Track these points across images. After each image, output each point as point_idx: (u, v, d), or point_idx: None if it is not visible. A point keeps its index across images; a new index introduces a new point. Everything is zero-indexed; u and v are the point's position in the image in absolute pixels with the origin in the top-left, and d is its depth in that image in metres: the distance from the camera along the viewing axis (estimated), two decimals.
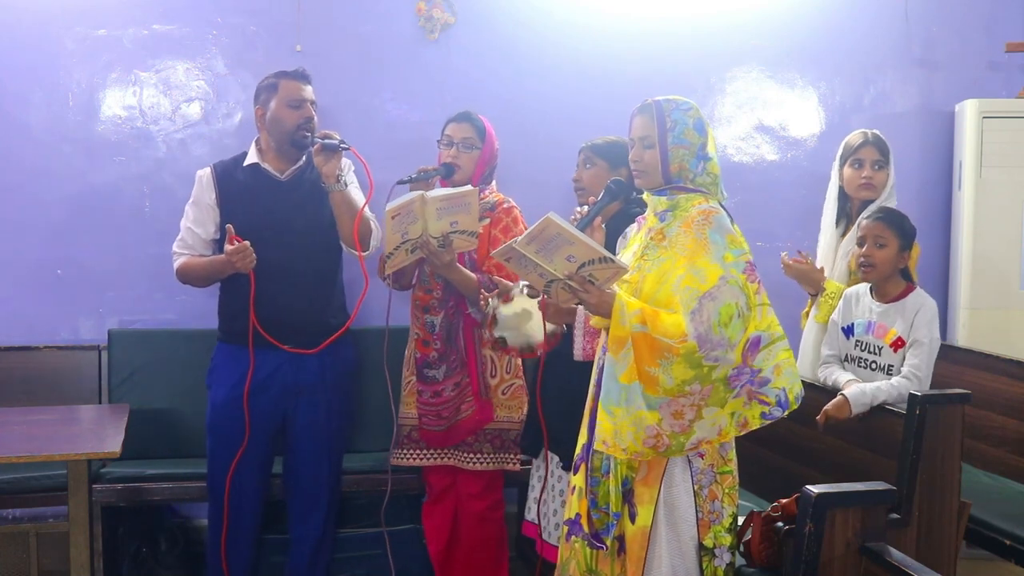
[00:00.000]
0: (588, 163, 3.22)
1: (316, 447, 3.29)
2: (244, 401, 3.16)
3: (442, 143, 3.29)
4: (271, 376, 3.21)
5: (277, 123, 3.21)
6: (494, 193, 3.32)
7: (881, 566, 2.14)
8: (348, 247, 3.28)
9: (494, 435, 3.28)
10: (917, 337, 2.97)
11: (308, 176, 3.26)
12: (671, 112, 2.51)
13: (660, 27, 4.25)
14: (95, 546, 3.27)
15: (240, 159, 3.31)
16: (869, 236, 3.07)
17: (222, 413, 3.23)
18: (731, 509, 2.51)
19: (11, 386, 3.70)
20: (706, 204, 2.50)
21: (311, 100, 3.25)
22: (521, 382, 3.33)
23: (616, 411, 2.39)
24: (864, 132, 3.43)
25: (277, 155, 3.27)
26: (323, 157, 3.14)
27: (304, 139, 3.20)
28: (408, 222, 2.94)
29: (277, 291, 3.16)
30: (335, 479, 3.40)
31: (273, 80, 3.24)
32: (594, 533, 2.53)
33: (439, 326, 3.24)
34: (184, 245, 3.29)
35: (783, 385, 2.45)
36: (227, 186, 3.25)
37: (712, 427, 2.42)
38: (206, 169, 3.32)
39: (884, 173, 3.36)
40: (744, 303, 2.39)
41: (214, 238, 3.27)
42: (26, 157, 3.83)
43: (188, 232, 3.28)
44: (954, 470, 2.76)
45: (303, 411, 3.26)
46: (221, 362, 3.30)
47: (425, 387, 3.26)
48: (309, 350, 3.20)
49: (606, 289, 2.40)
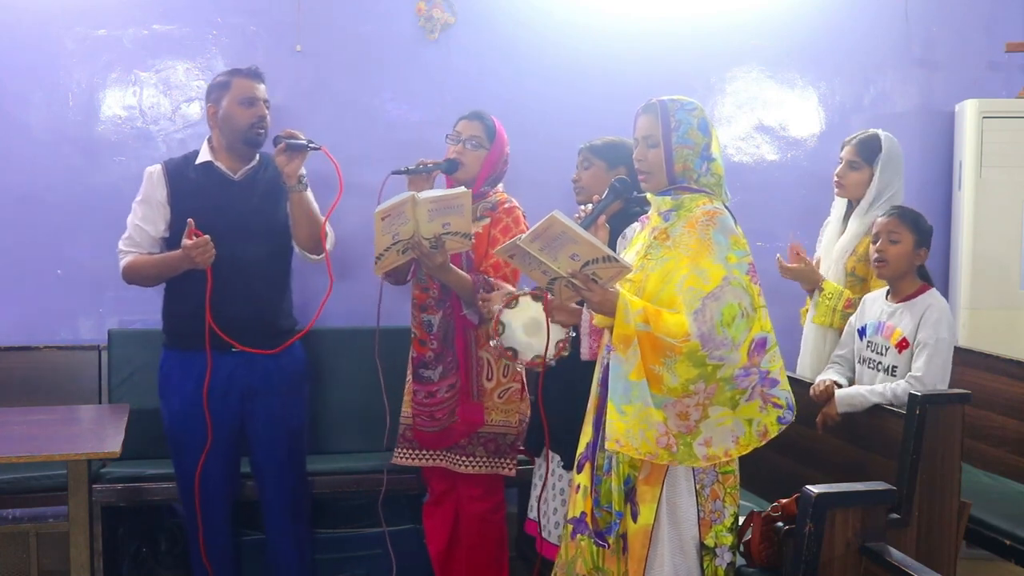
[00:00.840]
0: (586, 163, 3.22)
1: (275, 447, 3.26)
2: (204, 404, 3.11)
3: (450, 138, 3.27)
4: (227, 379, 3.16)
5: (229, 121, 3.16)
6: (498, 193, 3.29)
7: (881, 566, 2.14)
8: (302, 249, 3.25)
9: (488, 439, 3.24)
10: (922, 339, 2.93)
11: (262, 176, 3.22)
12: (675, 112, 2.51)
13: (660, 27, 4.25)
14: (95, 546, 3.27)
15: (192, 157, 3.25)
16: (883, 232, 3.04)
17: (181, 421, 3.18)
18: (732, 509, 2.51)
19: (11, 386, 3.70)
20: (710, 205, 2.49)
21: (264, 99, 3.20)
22: (519, 386, 3.29)
23: (627, 409, 2.38)
24: (862, 132, 3.41)
25: (229, 154, 3.21)
26: (286, 156, 3.09)
27: (258, 137, 3.17)
28: (399, 223, 2.92)
29: (228, 292, 3.11)
30: (299, 479, 3.37)
31: (226, 78, 3.20)
32: (597, 531, 2.53)
33: (436, 325, 3.21)
34: (132, 243, 3.20)
35: (788, 388, 2.46)
36: (178, 184, 3.19)
37: (722, 429, 2.40)
38: (156, 166, 3.25)
39: (860, 174, 3.31)
40: (748, 303, 2.39)
41: (163, 236, 3.20)
42: (26, 157, 3.83)
43: (136, 230, 3.19)
44: (954, 470, 2.76)
45: (260, 413, 3.22)
46: (171, 370, 3.22)
47: (420, 387, 3.24)
48: (267, 350, 3.16)
49: (609, 288, 2.40)
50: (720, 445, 2.42)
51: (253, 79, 3.19)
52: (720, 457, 2.42)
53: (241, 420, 3.23)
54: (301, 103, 3.97)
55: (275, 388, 3.23)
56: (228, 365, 3.15)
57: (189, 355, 3.16)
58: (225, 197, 3.18)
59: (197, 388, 3.13)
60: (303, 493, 3.40)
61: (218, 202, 3.15)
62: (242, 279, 3.15)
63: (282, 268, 3.30)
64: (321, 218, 3.21)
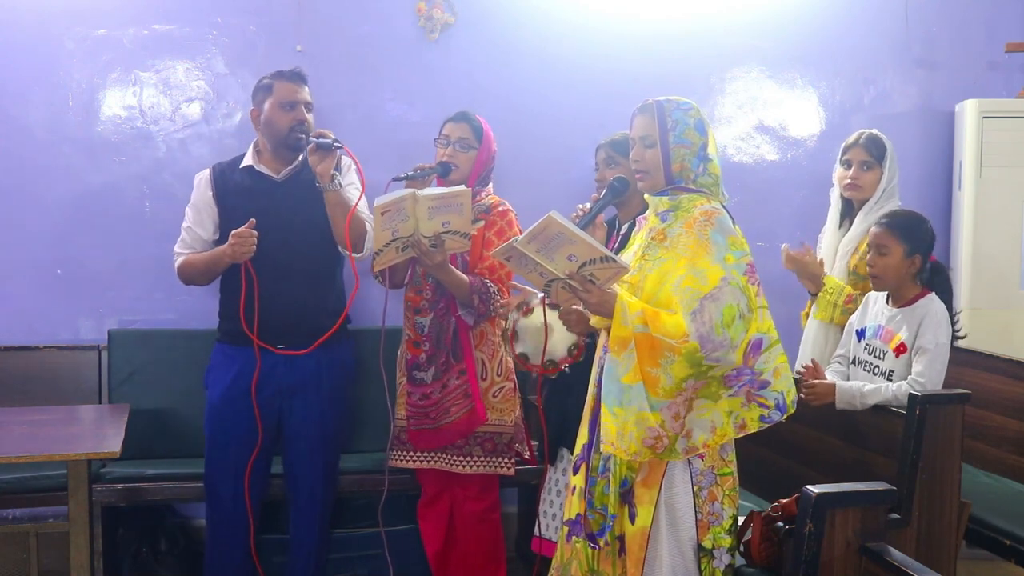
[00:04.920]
0: (611, 162, 3.20)
1: (311, 447, 3.29)
2: (252, 398, 3.17)
3: (439, 142, 3.29)
4: (266, 376, 3.20)
5: (270, 125, 3.21)
6: (490, 195, 3.31)
7: (881, 566, 2.13)
8: (342, 247, 3.28)
9: (485, 438, 3.26)
10: (922, 344, 2.92)
11: (304, 177, 3.25)
12: (672, 112, 2.50)
13: (660, 27, 4.24)
14: (95, 546, 3.27)
15: (237, 161, 3.31)
16: (872, 244, 3.04)
17: (217, 414, 3.24)
18: (731, 511, 2.51)
19: (11, 386, 3.70)
20: (708, 205, 2.49)
21: (305, 102, 3.24)
22: (512, 384, 3.31)
23: (618, 411, 2.38)
24: (861, 132, 3.42)
25: (273, 156, 3.27)
26: (317, 156, 3.13)
27: (299, 141, 3.19)
28: (398, 220, 2.93)
29: (275, 290, 3.17)
30: (331, 480, 3.39)
31: (269, 81, 3.24)
32: (589, 533, 2.53)
33: (428, 327, 3.23)
34: (185, 245, 3.31)
35: (782, 388, 2.46)
36: (224, 187, 3.26)
37: (702, 420, 2.41)
38: (205, 171, 3.34)
39: (873, 173, 3.33)
40: (745, 304, 2.39)
41: (214, 238, 3.28)
42: (26, 157, 3.83)
43: (188, 232, 3.30)
44: (954, 470, 2.76)
45: (297, 411, 3.26)
46: (217, 363, 3.31)
47: (414, 389, 3.26)
48: (299, 351, 3.19)
49: (607, 289, 2.40)
50: (699, 436, 2.42)
51: (295, 82, 3.23)
52: (698, 448, 2.43)
53: (278, 419, 3.26)
54: None
55: (317, 386, 3.26)
56: (267, 362, 3.20)
57: (234, 349, 3.23)
58: (269, 198, 3.22)
59: (235, 382, 3.20)
60: (332, 495, 3.42)
61: (262, 203, 3.19)
62: (288, 278, 3.20)
63: (328, 266, 3.33)
64: (361, 216, 3.22)
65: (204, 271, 3.26)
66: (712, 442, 2.43)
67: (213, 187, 3.27)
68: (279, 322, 3.18)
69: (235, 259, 3.11)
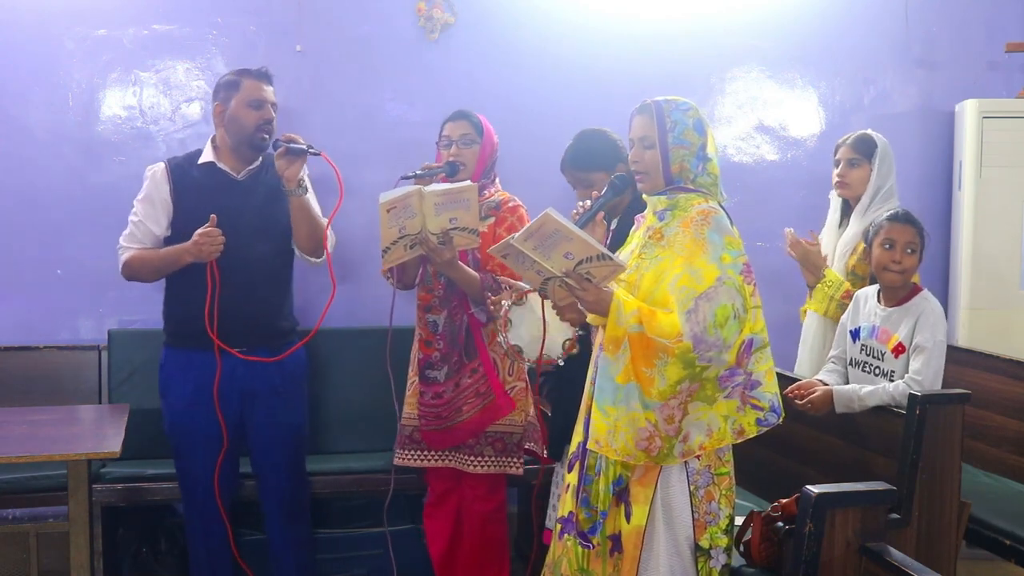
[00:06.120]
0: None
1: (275, 448, 3.26)
2: (215, 402, 3.11)
3: (441, 144, 3.26)
4: (227, 380, 3.15)
5: (236, 122, 3.15)
6: (499, 192, 3.29)
7: (881, 566, 2.13)
8: (302, 252, 3.25)
9: (496, 438, 3.24)
10: (920, 342, 2.91)
11: (264, 178, 3.21)
12: (671, 112, 2.50)
13: (660, 27, 4.25)
14: (95, 546, 3.27)
15: (194, 156, 3.24)
16: (901, 241, 2.98)
17: (182, 421, 3.19)
18: (728, 511, 2.51)
19: (11, 386, 3.70)
20: (706, 204, 2.49)
21: (272, 102, 3.19)
22: (524, 384, 3.29)
23: (611, 411, 2.38)
24: (854, 132, 3.42)
25: (233, 154, 3.21)
26: (286, 161, 3.08)
27: (262, 142, 3.16)
28: (405, 216, 2.91)
29: (230, 292, 3.11)
30: (300, 479, 3.37)
31: (235, 77, 3.18)
32: (580, 532, 2.53)
33: (442, 326, 3.21)
34: (134, 240, 3.19)
35: (775, 391, 2.45)
36: (182, 183, 3.18)
37: (699, 423, 2.40)
38: (159, 164, 3.24)
39: (861, 170, 3.31)
40: (740, 305, 2.39)
41: (166, 235, 3.19)
42: (26, 157, 3.83)
43: (139, 227, 3.18)
44: (954, 470, 2.76)
45: (260, 414, 3.22)
46: (172, 369, 3.22)
47: (426, 388, 3.24)
48: (268, 358, 3.16)
49: (603, 287, 2.39)
50: (695, 439, 2.41)
51: (263, 81, 3.18)
52: (694, 451, 2.42)
53: (241, 420, 3.23)
54: (301, 103, 3.97)
55: (276, 389, 3.22)
56: (227, 366, 3.15)
57: (190, 354, 3.16)
58: (228, 197, 3.17)
59: (197, 388, 3.14)
60: (303, 494, 3.40)
61: (221, 202, 3.14)
62: (244, 279, 3.14)
63: (284, 269, 3.30)
64: (323, 221, 3.21)
65: (158, 268, 3.18)
66: (708, 445, 2.42)
67: (170, 182, 3.18)
68: (238, 325, 3.13)
69: (199, 258, 3.05)
